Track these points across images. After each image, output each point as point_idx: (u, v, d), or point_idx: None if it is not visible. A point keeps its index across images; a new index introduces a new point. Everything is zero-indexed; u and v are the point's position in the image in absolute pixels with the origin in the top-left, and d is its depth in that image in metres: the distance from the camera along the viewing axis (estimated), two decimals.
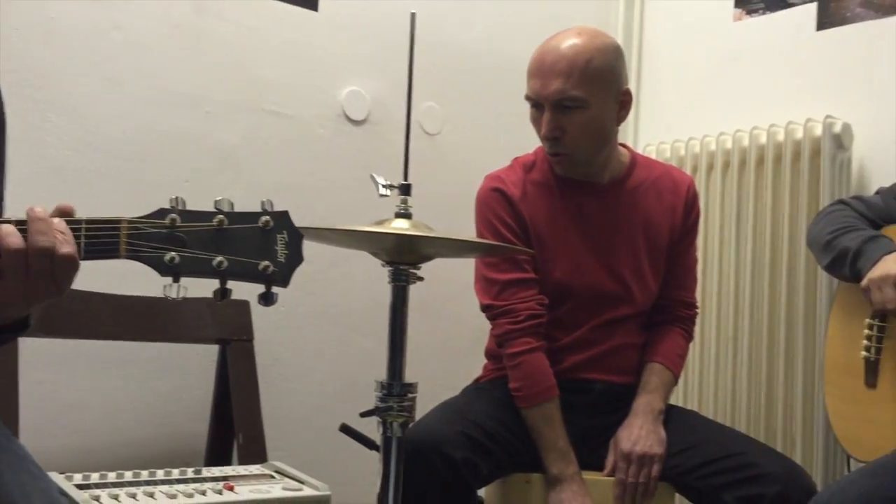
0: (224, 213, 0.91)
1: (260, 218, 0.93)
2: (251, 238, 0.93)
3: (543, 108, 1.67)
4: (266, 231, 0.93)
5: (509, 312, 1.69)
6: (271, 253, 0.93)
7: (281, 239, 0.94)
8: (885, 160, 2.20)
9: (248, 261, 0.92)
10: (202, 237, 0.91)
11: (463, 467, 1.52)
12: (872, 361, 1.61)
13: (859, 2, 2.29)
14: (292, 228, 0.95)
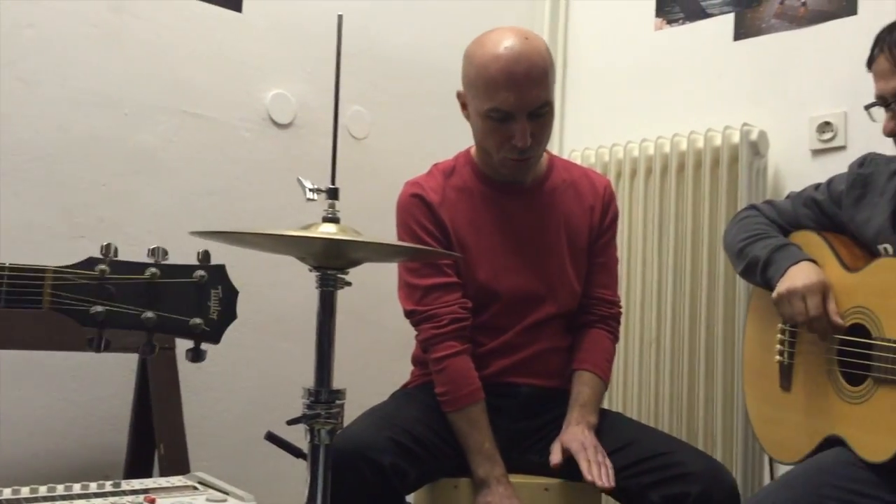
0: (157, 266, 0.88)
1: (194, 272, 0.90)
2: (184, 293, 0.89)
3: (512, 119, 1.63)
4: (200, 286, 0.90)
5: (432, 317, 1.69)
6: (204, 309, 0.90)
7: (215, 294, 0.91)
8: (799, 167, 2.29)
9: (178, 317, 0.89)
10: (132, 290, 0.87)
11: (391, 473, 1.51)
12: (786, 365, 1.66)
13: (774, 13, 2.37)
14: (227, 284, 0.92)
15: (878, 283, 1.47)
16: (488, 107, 1.63)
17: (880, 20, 2.12)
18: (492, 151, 1.70)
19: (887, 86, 1.44)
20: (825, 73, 2.26)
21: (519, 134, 1.63)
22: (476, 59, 1.66)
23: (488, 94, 1.63)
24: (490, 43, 1.65)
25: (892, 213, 1.53)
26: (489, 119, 1.65)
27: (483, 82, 1.64)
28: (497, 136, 1.66)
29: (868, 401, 1.45)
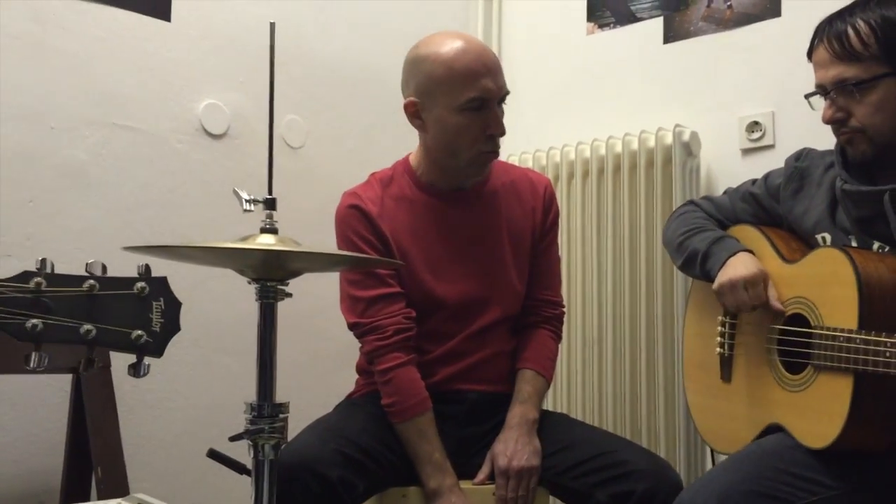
0: (95, 278, 0.85)
1: (135, 284, 0.87)
2: (124, 305, 0.87)
3: (488, 108, 1.65)
4: (141, 298, 0.87)
5: (376, 329, 1.67)
6: (146, 321, 0.87)
7: (157, 306, 0.88)
8: (730, 166, 2.34)
9: (119, 329, 0.86)
10: (70, 303, 0.84)
11: (339, 486, 1.49)
12: (726, 357, 1.69)
13: (702, 16, 2.43)
14: (170, 296, 0.90)
15: (816, 273, 1.51)
16: (468, 97, 1.63)
17: (804, 21, 2.18)
18: (464, 150, 1.68)
19: (826, 75, 1.48)
20: (752, 73, 2.31)
21: (496, 121, 1.65)
22: (438, 59, 1.64)
23: (465, 85, 1.62)
24: (442, 43, 1.66)
25: (829, 205, 1.57)
26: (466, 112, 1.64)
27: (457, 75, 1.63)
28: (473, 130, 1.65)
29: (808, 388, 1.48)
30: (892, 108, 1.44)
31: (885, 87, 1.43)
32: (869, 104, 1.44)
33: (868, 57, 1.43)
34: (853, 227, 1.51)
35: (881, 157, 1.47)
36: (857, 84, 1.44)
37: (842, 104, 1.47)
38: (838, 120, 1.48)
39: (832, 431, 1.40)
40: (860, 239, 1.51)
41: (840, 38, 1.45)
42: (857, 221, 1.51)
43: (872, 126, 1.45)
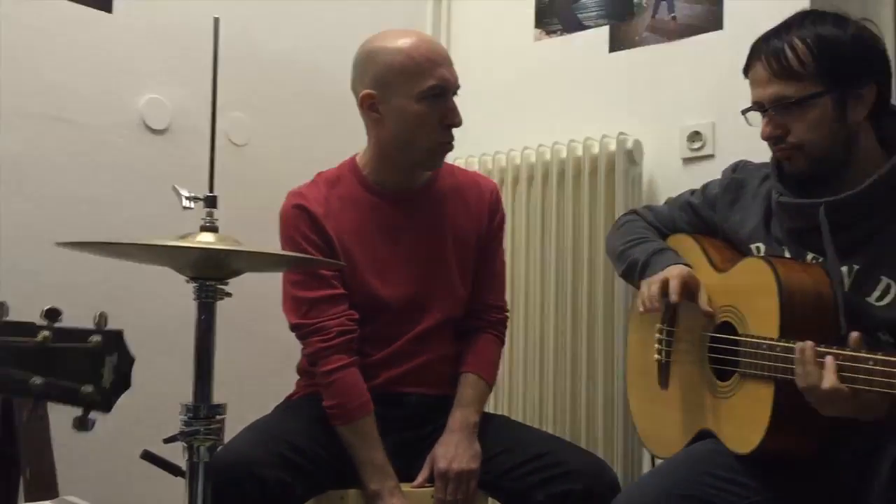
0: (49, 329, 0.82)
1: (90, 337, 0.84)
2: (76, 358, 0.84)
3: (445, 98, 1.67)
4: (94, 351, 0.84)
5: (319, 331, 1.66)
6: (96, 376, 0.85)
7: (110, 361, 0.86)
8: (672, 174, 2.38)
9: (68, 384, 0.83)
10: (20, 353, 0.81)
11: (276, 488, 1.48)
12: (664, 364, 1.72)
13: (647, 27, 2.46)
14: (124, 351, 0.87)
15: (744, 282, 1.54)
16: (428, 85, 1.65)
17: (745, 34, 2.22)
18: (422, 140, 1.68)
19: (764, 93, 1.49)
20: (694, 84, 2.36)
21: (454, 111, 1.68)
22: (396, 49, 1.66)
23: (424, 74, 1.65)
24: (396, 36, 1.69)
25: (763, 216, 1.60)
26: (426, 101, 1.65)
27: (414, 65, 1.65)
28: (433, 119, 1.67)
29: (734, 395, 1.52)
30: (828, 125, 1.45)
31: (821, 105, 1.45)
32: (806, 121, 1.46)
33: (805, 75, 1.44)
34: (786, 238, 1.55)
35: (817, 173, 1.49)
36: (796, 102, 1.45)
37: (779, 121, 1.48)
38: (776, 137, 1.49)
39: (755, 437, 1.43)
40: (793, 249, 1.54)
41: (778, 56, 1.46)
42: (791, 233, 1.54)
43: (809, 143, 1.46)
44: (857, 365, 1.24)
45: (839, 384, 1.24)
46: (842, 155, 1.47)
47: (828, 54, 1.44)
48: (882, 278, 1.43)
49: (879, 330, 1.43)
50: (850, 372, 1.25)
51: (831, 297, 1.44)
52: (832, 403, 1.27)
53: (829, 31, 1.45)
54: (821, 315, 1.43)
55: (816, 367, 1.27)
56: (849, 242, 1.46)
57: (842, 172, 1.48)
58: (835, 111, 1.45)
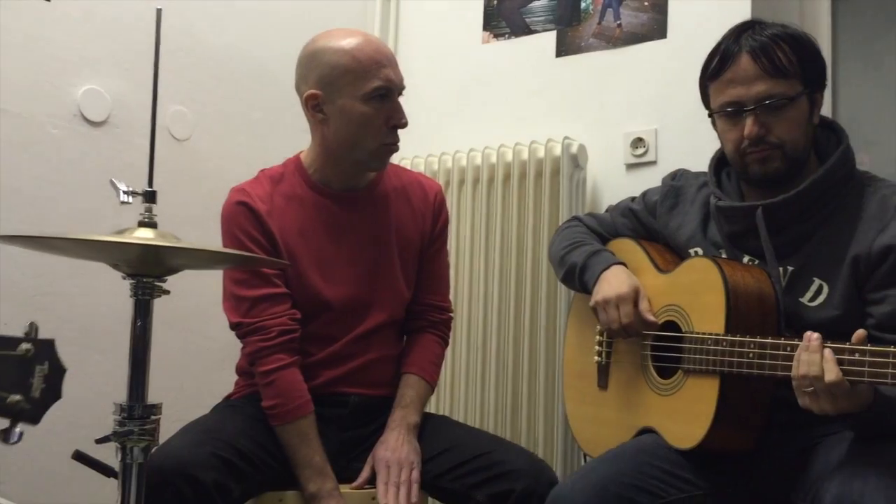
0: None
1: (20, 345, 0.81)
2: (5, 366, 0.80)
3: (390, 98, 1.67)
4: (24, 360, 0.81)
5: (260, 330, 1.64)
6: (25, 386, 0.81)
7: (40, 371, 0.83)
8: (615, 179, 2.41)
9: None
10: None
11: (213, 490, 1.45)
12: (603, 365, 1.74)
13: (593, 33, 2.49)
14: (55, 361, 0.84)
15: (688, 281, 1.58)
16: (373, 86, 1.64)
17: (688, 44, 2.28)
18: (368, 140, 1.67)
19: (750, 91, 1.47)
20: (638, 91, 2.39)
21: (399, 112, 1.68)
22: (342, 49, 1.65)
23: (369, 75, 1.64)
24: (341, 36, 1.68)
25: (701, 221, 1.64)
26: (371, 102, 1.65)
27: (359, 66, 1.64)
28: (378, 120, 1.66)
29: (677, 392, 1.55)
30: (804, 125, 1.49)
31: (801, 105, 1.48)
32: (789, 120, 1.47)
33: (792, 74, 1.46)
34: (724, 241, 1.59)
35: (788, 173, 1.50)
36: (786, 101, 1.46)
37: (764, 120, 1.47)
38: (761, 136, 1.48)
39: (699, 432, 1.46)
40: (731, 253, 1.58)
41: (768, 53, 1.45)
42: (729, 236, 1.58)
43: (791, 142, 1.48)
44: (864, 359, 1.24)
45: (842, 377, 1.25)
46: (806, 156, 1.52)
47: (805, 56, 1.48)
48: (814, 279, 1.48)
49: (811, 330, 1.47)
50: (853, 366, 1.25)
51: (773, 297, 1.48)
52: (830, 395, 1.26)
53: (796, 32, 1.48)
54: (763, 313, 1.48)
55: (821, 357, 1.27)
56: (784, 245, 1.51)
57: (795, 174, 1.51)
58: (808, 111, 1.50)
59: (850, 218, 1.46)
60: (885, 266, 1.40)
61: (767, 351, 1.37)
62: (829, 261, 1.47)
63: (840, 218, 1.48)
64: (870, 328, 1.41)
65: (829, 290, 1.46)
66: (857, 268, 1.43)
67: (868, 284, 1.43)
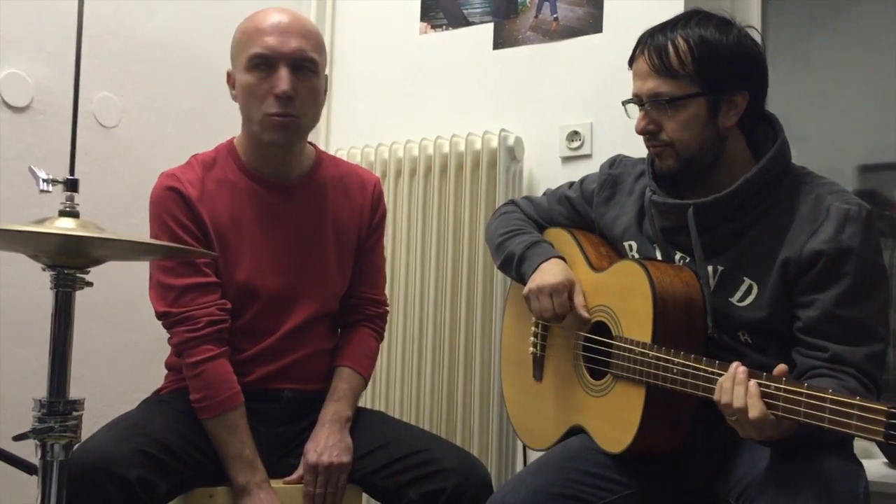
0: None
1: None
2: None
3: (275, 68, 1.61)
4: None
5: (188, 320, 1.60)
6: None
7: None
8: (551, 173, 2.42)
9: None
10: None
11: (138, 487, 1.41)
12: (538, 357, 1.75)
13: (530, 26, 2.50)
14: None
15: (619, 284, 1.58)
16: (251, 53, 1.62)
17: (623, 39, 2.29)
18: (255, 112, 1.64)
19: (643, 87, 1.51)
20: (574, 85, 2.41)
21: (280, 79, 1.60)
22: (240, 25, 1.68)
23: (250, 43, 1.63)
24: (256, 13, 1.68)
25: (637, 213, 1.64)
26: (253, 71, 1.62)
27: (245, 35, 1.64)
28: (261, 90, 1.62)
29: (607, 395, 1.56)
30: (700, 127, 1.49)
31: (695, 106, 1.48)
32: (679, 121, 1.48)
33: (683, 75, 1.47)
34: (658, 236, 1.59)
35: (686, 172, 1.53)
36: (671, 100, 1.48)
37: (654, 117, 1.51)
38: (650, 132, 1.52)
39: (626, 438, 1.48)
40: (663, 248, 1.59)
41: (660, 52, 1.48)
42: (662, 231, 1.58)
43: (680, 142, 1.49)
44: (789, 396, 1.22)
45: (766, 411, 1.24)
46: (710, 157, 1.51)
47: (707, 57, 1.47)
48: (744, 279, 1.49)
49: (740, 330, 1.49)
50: (777, 401, 1.23)
51: (700, 300, 1.49)
52: (754, 427, 1.26)
53: (712, 34, 1.48)
54: (690, 318, 1.48)
55: (745, 391, 1.26)
56: (715, 243, 1.51)
57: (711, 174, 1.52)
58: (707, 114, 1.48)
59: (782, 218, 1.46)
60: (815, 271, 1.40)
61: (689, 370, 1.37)
62: (759, 261, 1.47)
63: (773, 217, 1.47)
64: (797, 331, 1.43)
65: (758, 290, 1.47)
66: (787, 270, 1.43)
67: (797, 287, 1.43)
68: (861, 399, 1.14)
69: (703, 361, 1.36)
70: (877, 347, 1.38)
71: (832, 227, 1.40)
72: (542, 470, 1.51)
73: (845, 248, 1.38)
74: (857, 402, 1.13)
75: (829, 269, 1.39)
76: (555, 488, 1.45)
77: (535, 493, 1.44)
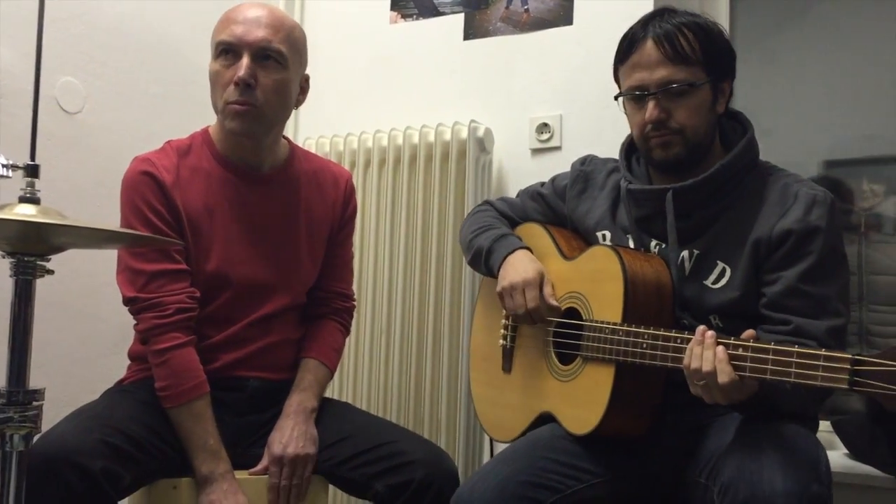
0: None
1: None
2: None
3: (239, 56, 1.61)
4: None
5: (157, 306, 1.58)
6: None
7: None
8: (520, 164, 2.42)
9: None
10: None
11: (101, 478, 1.39)
12: (508, 349, 1.76)
13: (500, 17, 2.49)
14: None
15: (590, 269, 1.60)
16: (217, 40, 1.64)
17: (593, 31, 2.31)
18: (218, 100, 1.65)
19: (652, 76, 1.50)
20: (544, 77, 2.41)
21: (240, 68, 1.60)
22: (222, 15, 1.67)
23: (217, 32, 1.65)
24: (242, 4, 1.68)
25: (611, 205, 1.67)
26: (219, 59, 1.64)
27: (220, 24, 1.66)
28: (223, 78, 1.63)
29: (576, 378, 1.57)
30: (706, 113, 1.53)
31: (703, 92, 1.51)
32: (689, 107, 1.50)
33: (695, 61, 1.49)
34: (632, 225, 1.62)
35: (691, 159, 1.54)
36: (690, 86, 1.49)
37: (665, 105, 1.51)
38: (661, 121, 1.51)
39: (594, 418, 1.49)
40: (637, 237, 1.61)
41: (671, 39, 1.49)
42: (637, 220, 1.61)
43: (691, 128, 1.51)
44: (756, 355, 1.25)
45: (735, 375, 1.26)
46: (709, 143, 1.56)
47: (710, 45, 1.51)
48: (718, 262, 1.53)
49: (712, 313, 1.52)
50: (745, 362, 1.27)
51: (670, 286, 1.52)
52: (721, 391, 1.28)
53: (708, 25, 1.52)
54: (661, 300, 1.51)
55: (713, 355, 1.28)
56: (689, 229, 1.55)
57: (696, 163, 1.55)
58: (710, 99, 1.53)
59: (753, 204, 1.51)
60: (783, 249, 1.46)
61: (659, 342, 1.40)
62: (731, 244, 1.51)
63: (744, 203, 1.52)
64: (762, 307, 1.48)
65: (731, 272, 1.51)
66: (758, 251, 1.48)
67: (766, 266, 1.48)
68: (826, 350, 1.19)
69: (672, 331, 1.40)
70: (837, 322, 1.43)
71: (801, 208, 1.46)
72: (510, 459, 1.51)
73: (813, 227, 1.44)
74: (823, 353, 1.19)
75: (797, 248, 1.45)
76: (523, 477, 1.46)
77: (503, 481, 1.45)
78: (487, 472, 1.49)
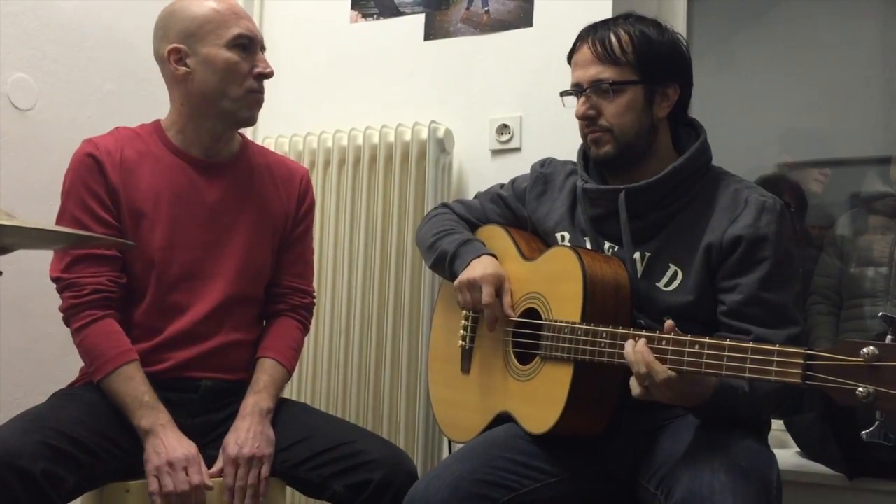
0: None
1: None
2: None
3: (253, 51, 1.68)
4: None
5: (74, 286, 1.60)
6: None
7: None
8: (480, 165, 2.42)
9: None
10: None
11: (43, 481, 1.36)
12: (467, 350, 1.76)
13: (461, 18, 2.49)
14: None
15: (550, 270, 1.61)
16: (236, 32, 1.66)
17: (553, 33, 2.32)
18: (234, 87, 1.66)
19: (585, 74, 1.57)
20: (504, 78, 2.41)
21: (264, 61, 1.70)
22: (197, 5, 1.67)
23: (230, 23, 1.66)
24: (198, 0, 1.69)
25: (569, 207, 1.69)
26: (235, 49, 1.66)
27: (220, 16, 1.66)
28: (243, 66, 1.66)
29: (534, 377, 1.58)
30: (637, 113, 1.56)
31: (633, 93, 1.55)
32: (618, 105, 1.55)
33: (624, 63, 1.54)
34: (588, 227, 1.64)
35: (622, 159, 1.58)
36: (612, 84, 1.54)
37: (595, 102, 1.56)
38: (590, 117, 1.57)
39: (552, 416, 1.50)
40: (594, 238, 1.63)
41: (603, 41, 1.55)
42: (592, 220, 1.63)
43: (619, 126, 1.56)
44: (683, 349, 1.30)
45: (668, 371, 1.30)
46: (644, 145, 1.58)
47: (646, 49, 1.55)
48: (670, 265, 1.55)
49: (665, 315, 1.53)
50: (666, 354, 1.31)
51: (628, 287, 1.54)
52: (660, 389, 1.32)
53: (651, 31, 1.57)
54: (618, 302, 1.53)
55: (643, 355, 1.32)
56: (642, 230, 1.57)
57: (641, 165, 1.58)
58: (644, 101, 1.56)
59: (705, 208, 1.54)
60: (736, 255, 1.48)
61: (618, 341, 1.42)
62: (683, 247, 1.53)
63: (696, 207, 1.55)
64: (721, 315, 1.50)
65: (683, 275, 1.53)
66: (710, 255, 1.50)
67: (720, 272, 1.50)
68: (780, 345, 1.22)
69: (630, 329, 1.42)
70: (794, 331, 1.46)
71: (751, 215, 1.49)
72: (466, 457, 1.52)
73: (763, 234, 1.47)
74: (776, 348, 1.22)
75: (749, 255, 1.47)
76: (479, 475, 1.46)
77: (458, 479, 1.45)
78: (443, 470, 1.49)
